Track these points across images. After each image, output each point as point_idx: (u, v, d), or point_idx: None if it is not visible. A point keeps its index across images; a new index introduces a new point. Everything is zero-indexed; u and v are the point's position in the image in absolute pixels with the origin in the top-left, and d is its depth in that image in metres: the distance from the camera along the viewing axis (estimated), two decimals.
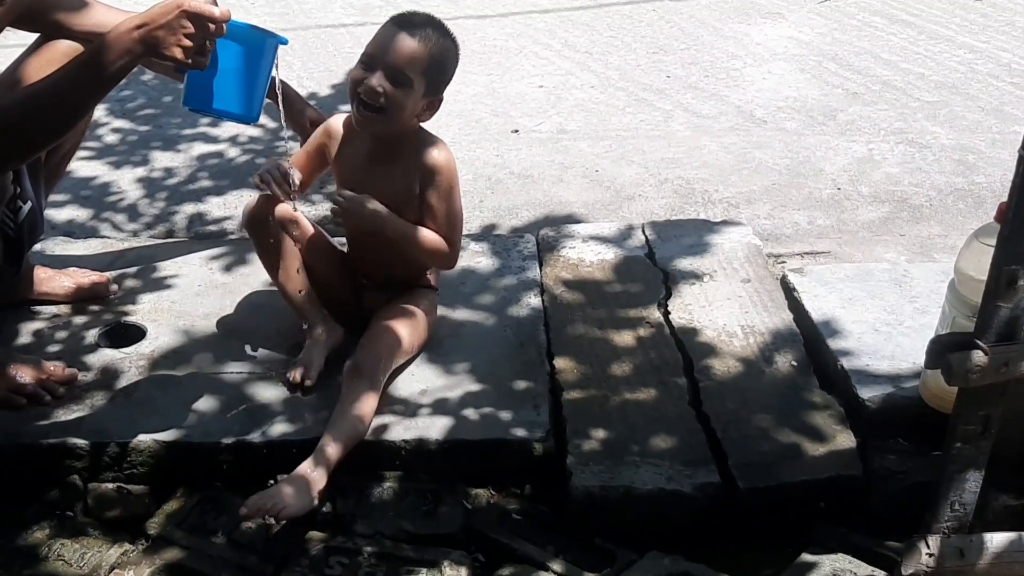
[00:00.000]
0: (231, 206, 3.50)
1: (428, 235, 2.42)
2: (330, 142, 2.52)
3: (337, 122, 2.52)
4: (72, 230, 3.31)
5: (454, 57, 2.39)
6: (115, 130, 4.08)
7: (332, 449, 2.22)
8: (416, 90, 2.32)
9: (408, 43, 2.29)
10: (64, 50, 2.43)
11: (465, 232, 3.01)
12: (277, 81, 2.55)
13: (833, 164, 3.70)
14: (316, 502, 2.17)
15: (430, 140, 2.45)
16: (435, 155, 2.42)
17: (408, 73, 2.30)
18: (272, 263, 2.55)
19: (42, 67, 2.32)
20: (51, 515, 2.24)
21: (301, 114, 2.75)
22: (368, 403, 2.31)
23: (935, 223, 3.32)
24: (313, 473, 2.18)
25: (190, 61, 2.00)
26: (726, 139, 3.90)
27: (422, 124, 2.46)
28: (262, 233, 2.51)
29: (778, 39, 4.87)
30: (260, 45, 2.15)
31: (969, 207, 3.41)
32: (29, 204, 2.52)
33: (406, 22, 2.33)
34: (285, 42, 2.19)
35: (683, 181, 3.60)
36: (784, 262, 3.08)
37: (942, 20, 5.06)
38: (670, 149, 3.83)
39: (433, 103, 2.40)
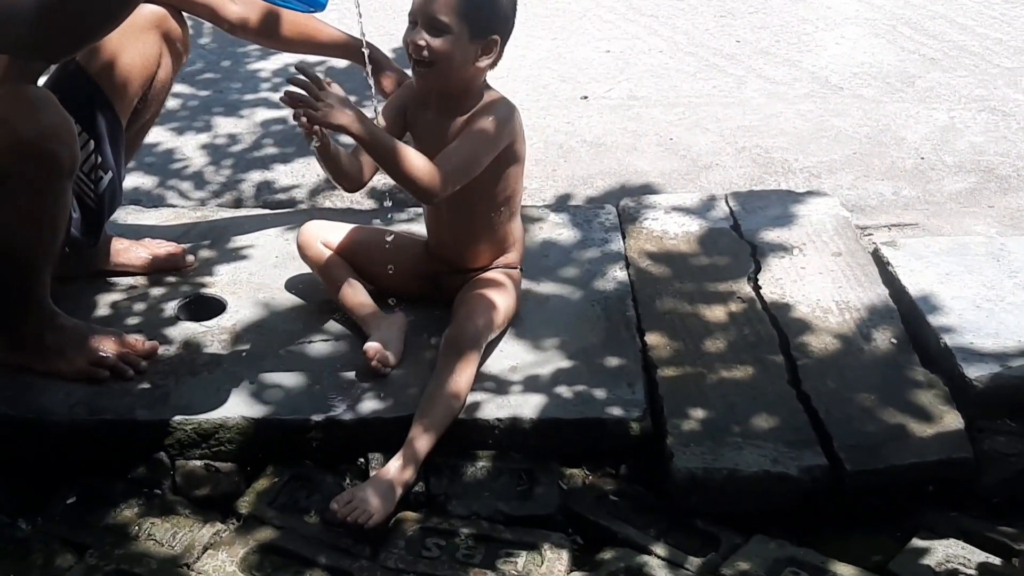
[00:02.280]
0: (298, 174, 3.44)
1: (413, 159, 2.24)
2: (406, 103, 2.46)
3: (411, 84, 2.47)
4: (139, 198, 3.26)
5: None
6: (175, 95, 4.00)
7: (423, 441, 2.16)
8: (458, 35, 2.24)
9: None
10: None
11: (542, 202, 2.96)
12: (364, 43, 2.50)
13: (914, 132, 3.60)
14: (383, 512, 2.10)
15: (497, 98, 2.39)
16: (494, 106, 2.35)
17: (443, 19, 2.23)
18: (328, 280, 2.53)
19: None
20: (139, 493, 2.20)
21: (389, 77, 2.67)
22: (464, 379, 2.25)
23: None
24: (402, 474, 2.13)
25: None
26: (802, 106, 3.81)
27: (490, 84, 2.39)
28: (311, 253, 2.53)
29: (849, 2, 4.74)
30: None
31: None
32: (110, 174, 2.48)
33: None
34: None
35: (761, 150, 3.51)
36: (871, 234, 2.99)
37: None
38: (745, 116, 3.74)
39: (488, 47, 2.29)
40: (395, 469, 2.13)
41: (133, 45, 2.44)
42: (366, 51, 2.43)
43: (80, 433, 2.24)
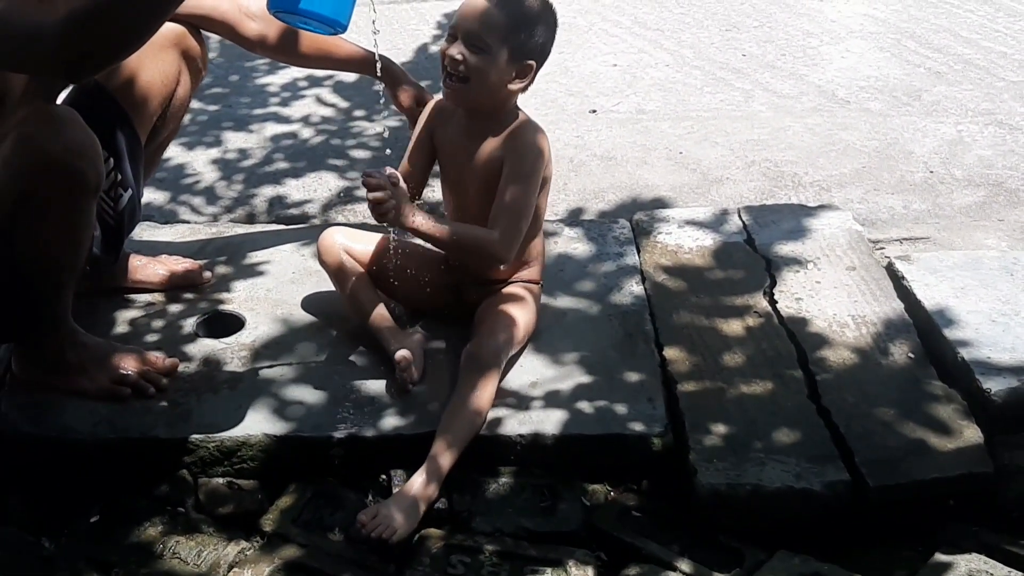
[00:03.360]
0: (310, 189, 3.45)
1: (466, 234, 2.34)
2: (435, 123, 2.47)
3: (437, 105, 2.47)
4: (151, 214, 3.26)
5: (544, 19, 2.31)
6: None
7: (445, 458, 2.17)
8: (498, 56, 2.26)
9: (483, 7, 2.25)
10: None
11: (555, 217, 2.97)
12: (377, 56, 2.51)
13: (922, 146, 3.62)
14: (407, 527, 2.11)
15: (526, 122, 2.40)
16: (527, 137, 2.36)
17: (486, 38, 2.24)
18: (346, 290, 2.50)
19: None
20: (162, 510, 2.20)
21: (406, 92, 2.68)
22: (486, 394, 2.26)
23: None
24: (426, 490, 2.13)
25: None
26: (810, 120, 3.83)
27: (520, 107, 2.41)
28: (330, 260, 2.52)
29: (852, 16, 4.77)
30: None
31: None
32: (130, 192, 2.48)
33: None
34: None
35: (771, 164, 3.53)
36: (883, 248, 3.01)
37: None
38: (754, 130, 3.76)
39: (523, 71, 2.31)
40: (418, 485, 2.14)
41: (152, 63, 2.45)
42: (378, 62, 2.44)
43: (103, 451, 2.25)
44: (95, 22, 1.84)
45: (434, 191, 2.82)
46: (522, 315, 2.44)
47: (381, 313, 2.47)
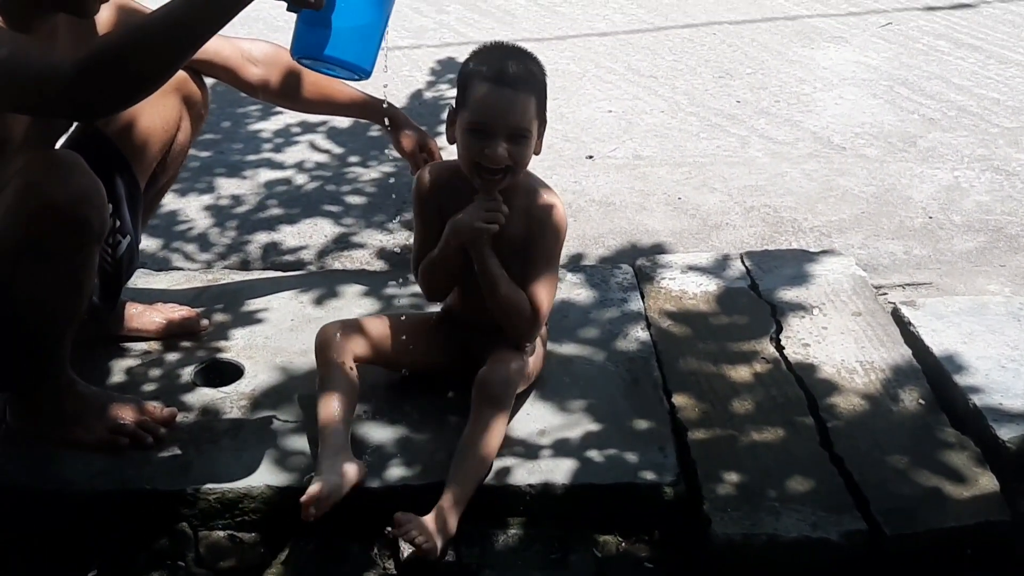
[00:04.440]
0: (305, 235, 3.41)
1: (515, 296, 2.29)
2: (439, 197, 2.36)
3: (434, 176, 2.38)
4: (144, 261, 3.20)
5: (545, 81, 2.29)
6: None
7: (455, 502, 2.12)
8: (533, 137, 2.24)
9: (521, 101, 2.19)
10: None
11: None
12: (385, 103, 2.49)
13: (920, 192, 3.62)
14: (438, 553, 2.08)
15: (540, 186, 2.36)
16: (547, 206, 2.32)
17: (527, 127, 2.21)
18: (326, 392, 2.32)
19: None
20: (162, 565, 2.15)
21: (412, 139, 2.66)
22: (498, 432, 2.22)
23: None
24: (451, 514, 2.10)
25: None
26: (807, 166, 3.82)
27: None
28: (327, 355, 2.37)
29: (844, 63, 4.79)
30: None
31: None
32: (128, 238, 2.44)
33: (510, 77, 2.19)
34: None
35: (770, 209, 3.52)
36: (885, 293, 2.99)
37: (1009, 44, 4.98)
38: (751, 176, 3.75)
39: (542, 131, 2.29)
40: (445, 508, 2.10)
41: (153, 108, 2.41)
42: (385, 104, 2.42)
43: (101, 503, 2.20)
44: (112, 65, 1.83)
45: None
46: (529, 352, 2.40)
47: (335, 428, 2.26)
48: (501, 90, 2.19)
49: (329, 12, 1.93)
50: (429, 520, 2.08)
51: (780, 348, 2.64)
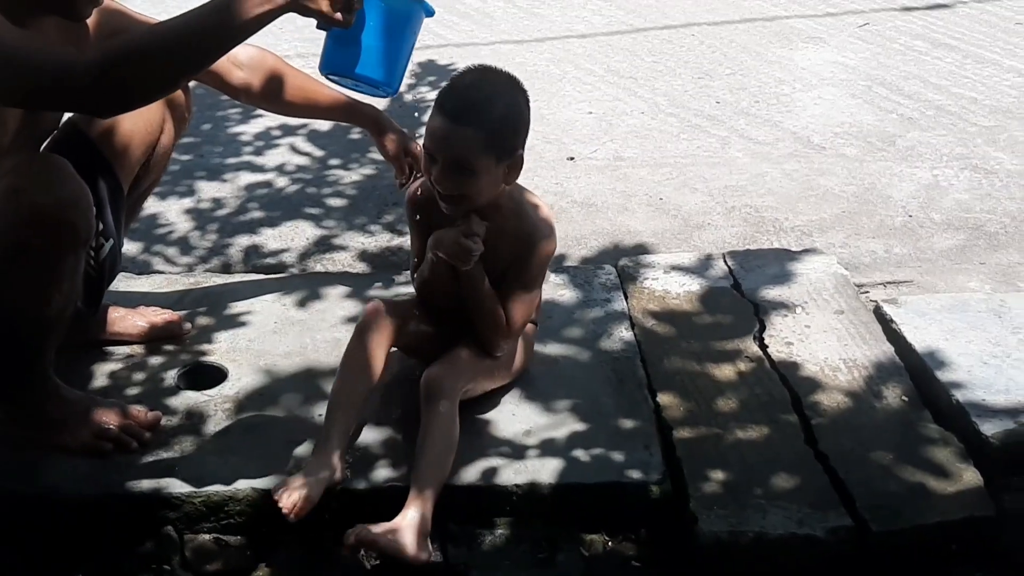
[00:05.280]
0: (287, 238, 3.40)
1: (495, 312, 2.29)
2: (430, 213, 2.32)
3: (423, 190, 2.36)
4: (124, 264, 3.19)
5: (520, 111, 2.21)
6: None
7: (427, 497, 2.11)
8: (485, 170, 2.15)
9: (459, 134, 2.12)
10: None
11: None
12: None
13: (900, 191, 3.64)
14: (427, 554, 2.08)
15: (529, 204, 2.32)
16: (535, 227, 2.29)
17: (470, 162, 2.13)
18: (350, 367, 2.32)
19: None
20: (147, 568, 2.14)
21: (396, 143, 2.65)
22: (446, 425, 2.21)
23: (1014, 251, 3.25)
24: (417, 522, 2.08)
25: (337, 15, 1.90)
26: (787, 166, 3.84)
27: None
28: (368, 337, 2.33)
29: (823, 64, 4.81)
30: (408, 10, 2.05)
31: None
32: (111, 242, 2.42)
33: (452, 107, 2.14)
34: (432, 13, 2.08)
35: (751, 209, 3.53)
36: (867, 292, 3.01)
37: (985, 44, 5.01)
38: (732, 176, 3.76)
39: (514, 164, 2.21)
40: (411, 518, 2.08)
41: (136, 111, 2.39)
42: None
43: (86, 508, 2.19)
44: (137, 63, 1.87)
45: None
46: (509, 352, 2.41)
47: (346, 422, 2.26)
48: (443, 120, 2.14)
49: (359, 31, 1.99)
50: (392, 523, 2.07)
51: (764, 347, 2.65)
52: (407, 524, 2.06)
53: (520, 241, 2.29)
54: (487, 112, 2.14)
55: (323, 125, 4.16)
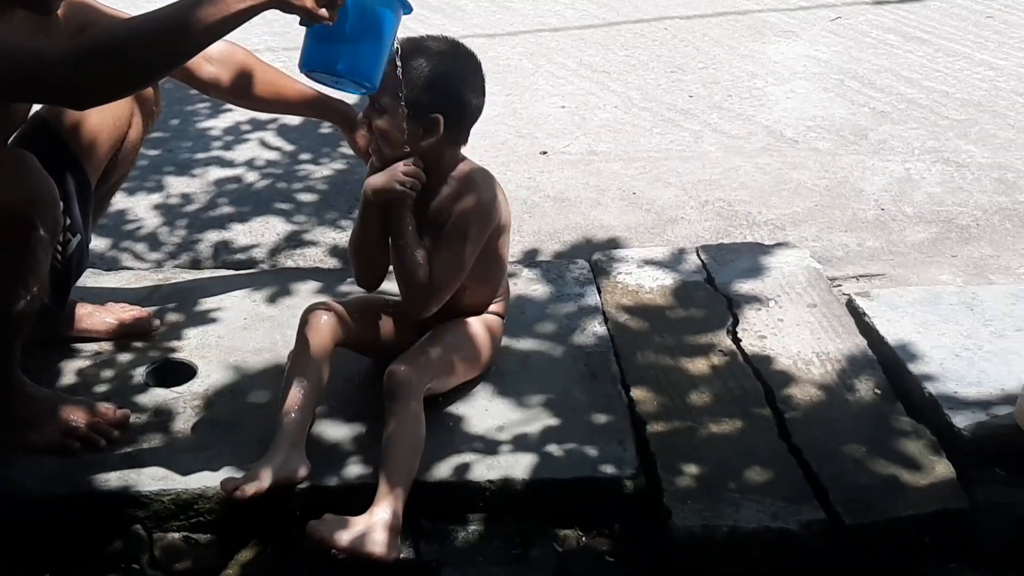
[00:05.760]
0: (257, 233, 3.37)
1: (415, 267, 2.29)
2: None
3: (379, 167, 2.38)
4: (92, 261, 3.14)
5: (448, 78, 2.27)
6: None
7: (396, 495, 2.10)
8: (393, 114, 2.22)
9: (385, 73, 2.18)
10: None
11: (511, 258, 2.93)
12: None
13: (872, 184, 3.64)
14: (397, 551, 2.05)
15: (475, 174, 2.35)
16: (474, 190, 2.32)
17: (381, 100, 2.23)
18: (297, 378, 2.29)
19: None
20: (116, 567, 2.12)
21: (366, 138, 2.58)
22: (410, 422, 2.19)
23: (985, 243, 3.26)
24: (386, 518, 2.06)
25: (321, 11, 1.89)
26: (760, 160, 3.84)
27: (467, 155, 2.37)
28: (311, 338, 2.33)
29: (795, 58, 4.82)
30: (388, 7, 2.05)
31: (1017, 227, 3.35)
32: (78, 237, 2.39)
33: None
34: (410, 10, 2.09)
35: (724, 203, 3.52)
36: (840, 285, 3.00)
37: (957, 37, 5.03)
38: (705, 170, 3.76)
39: (430, 126, 2.25)
40: (380, 515, 2.07)
41: (104, 104, 2.37)
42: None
43: (53, 507, 2.16)
44: (113, 55, 1.85)
45: None
46: (467, 343, 2.40)
47: (299, 417, 2.25)
48: None
49: (341, 28, 1.98)
50: (361, 520, 2.06)
51: (737, 340, 2.64)
52: (376, 522, 2.05)
53: (455, 203, 2.31)
54: (412, 64, 2.23)
55: (293, 120, 4.13)
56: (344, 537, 2.02)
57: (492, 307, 2.50)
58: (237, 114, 4.19)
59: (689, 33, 5.22)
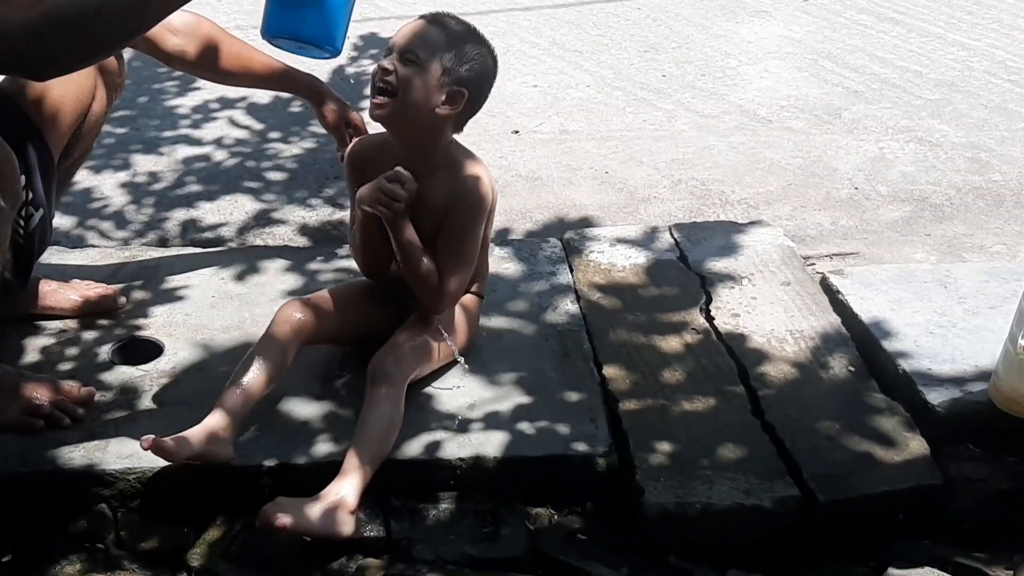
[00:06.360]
0: (225, 212, 3.33)
1: (429, 273, 2.27)
2: (366, 166, 2.32)
3: (360, 148, 2.39)
4: (57, 239, 3.10)
5: (480, 57, 2.24)
6: None
7: (358, 473, 2.06)
8: (429, 71, 2.17)
9: (422, 25, 2.22)
10: None
11: None
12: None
13: (846, 163, 3.64)
14: (351, 528, 2.03)
15: (465, 158, 2.32)
16: (469, 178, 2.28)
17: (418, 52, 2.18)
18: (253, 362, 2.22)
19: None
20: (81, 548, 2.06)
21: (336, 112, 2.59)
22: (388, 409, 2.16)
23: (958, 222, 3.26)
24: (341, 496, 2.03)
25: None
26: (733, 139, 3.82)
27: (456, 138, 2.32)
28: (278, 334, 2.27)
29: (769, 37, 4.80)
30: None
31: (990, 205, 3.36)
32: (41, 211, 2.33)
33: (428, 14, 2.25)
34: None
35: (697, 182, 3.51)
36: (813, 264, 2.99)
37: (929, 18, 5.04)
38: (678, 149, 3.74)
39: (454, 95, 2.21)
40: (334, 491, 2.04)
41: (67, 76, 2.24)
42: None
43: (15, 487, 2.11)
44: (68, 25, 1.78)
45: None
46: (449, 329, 2.36)
47: (240, 393, 2.17)
48: (416, 19, 2.24)
49: None
50: (313, 498, 2.02)
51: (710, 319, 2.62)
52: (329, 501, 2.02)
53: (455, 191, 2.28)
54: (456, 31, 2.23)
55: (263, 97, 4.09)
56: (295, 519, 1.97)
57: (475, 285, 2.47)
58: (206, 92, 4.15)
59: (662, 12, 5.20)
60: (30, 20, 1.77)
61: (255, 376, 2.18)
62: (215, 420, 2.10)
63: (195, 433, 2.06)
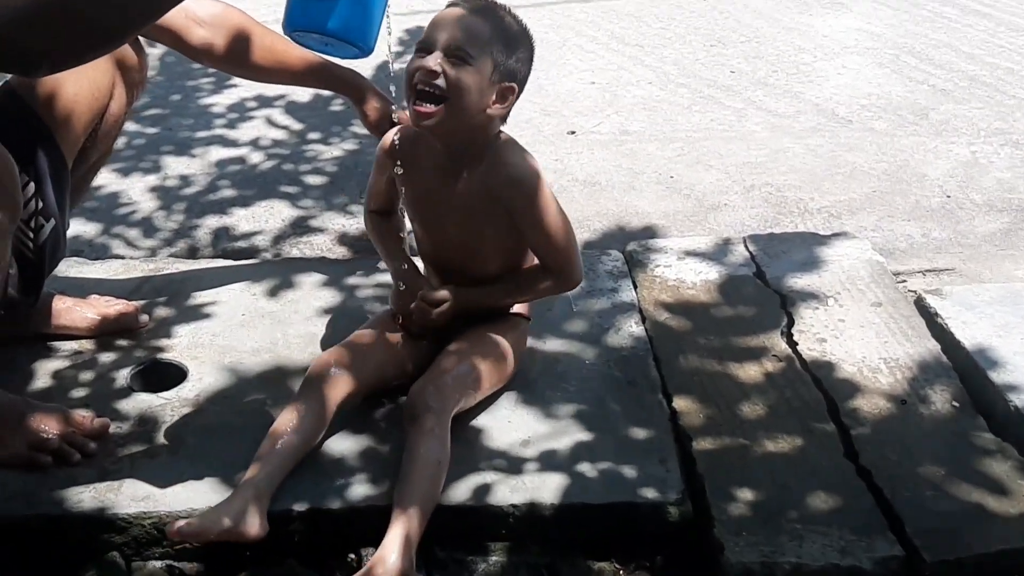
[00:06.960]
0: (260, 219, 3.13)
1: (529, 287, 2.16)
2: (401, 159, 2.15)
3: (399, 136, 2.16)
4: (80, 248, 2.93)
5: (525, 42, 2.08)
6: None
7: (410, 528, 1.84)
8: (481, 70, 1.97)
9: (467, 17, 2.00)
10: None
11: None
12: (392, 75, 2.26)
13: (936, 168, 3.38)
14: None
15: (509, 145, 2.12)
16: (514, 161, 2.09)
17: (469, 49, 1.96)
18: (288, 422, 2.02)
19: None
20: None
21: (379, 111, 2.40)
22: (433, 447, 1.95)
23: None
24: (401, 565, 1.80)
25: None
26: (810, 140, 3.58)
27: (502, 128, 2.12)
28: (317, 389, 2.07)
29: (846, 31, 4.56)
30: None
31: None
32: (52, 222, 2.14)
33: (468, 3, 2.04)
34: None
35: (772, 188, 3.26)
36: (905, 281, 2.74)
37: (1020, 11, 4.75)
38: (750, 152, 3.50)
39: (505, 92, 2.02)
40: (391, 562, 1.80)
41: (81, 73, 2.10)
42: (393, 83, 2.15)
43: (18, 531, 1.93)
44: (59, 13, 1.57)
45: None
46: (493, 354, 2.15)
47: (273, 460, 1.98)
48: (453, 9, 2.03)
49: None
50: (374, 558, 1.81)
51: (793, 344, 2.38)
52: (391, 550, 1.80)
53: (502, 178, 2.09)
54: (501, 16, 2.07)
55: (302, 95, 3.91)
56: None
57: (515, 307, 2.25)
58: (243, 89, 3.97)
59: (730, 4, 4.98)
60: (19, 7, 1.55)
61: (291, 442, 1.98)
62: (247, 494, 1.89)
63: (223, 509, 1.85)
